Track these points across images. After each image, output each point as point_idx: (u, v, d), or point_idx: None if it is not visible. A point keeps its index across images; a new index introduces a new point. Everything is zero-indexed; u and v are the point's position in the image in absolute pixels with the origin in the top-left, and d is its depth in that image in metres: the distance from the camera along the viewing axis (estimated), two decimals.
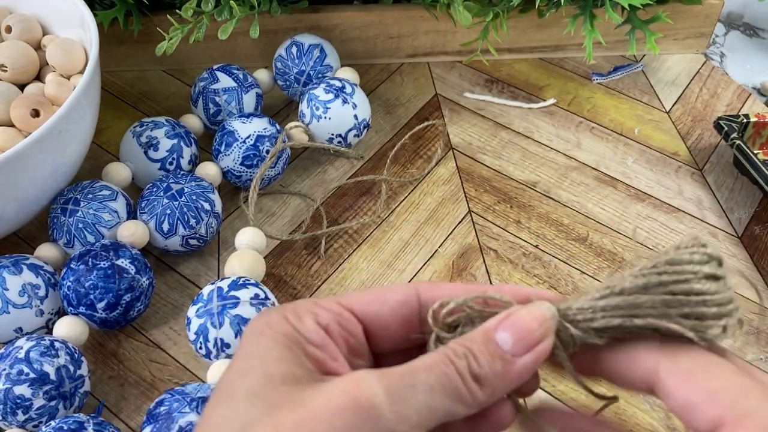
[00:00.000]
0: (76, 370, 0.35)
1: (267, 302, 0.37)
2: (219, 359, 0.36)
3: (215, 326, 0.35)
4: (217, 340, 0.35)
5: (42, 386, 0.33)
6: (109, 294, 0.37)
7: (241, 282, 0.37)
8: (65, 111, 0.37)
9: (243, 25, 0.51)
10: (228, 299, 0.36)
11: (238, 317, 0.35)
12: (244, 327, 0.35)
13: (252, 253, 0.40)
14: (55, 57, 0.43)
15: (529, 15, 0.53)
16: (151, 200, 0.41)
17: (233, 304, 0.36)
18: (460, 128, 0.52)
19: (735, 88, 0.55)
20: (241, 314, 0.35)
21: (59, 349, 0.35)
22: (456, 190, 0.48)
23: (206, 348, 0.36)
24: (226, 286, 0.36)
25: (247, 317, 0.35)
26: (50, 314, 0.38)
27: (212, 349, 0.36)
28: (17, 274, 0.37)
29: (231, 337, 0.35)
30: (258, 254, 0.40)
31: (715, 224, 0.46)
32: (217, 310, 0.35)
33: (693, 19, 0.55)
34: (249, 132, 0.44)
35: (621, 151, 0.50)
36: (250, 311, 0.36)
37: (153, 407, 0.33)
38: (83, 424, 0.32)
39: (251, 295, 0.36)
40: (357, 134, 0.48)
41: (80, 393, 0.35)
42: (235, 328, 0.35)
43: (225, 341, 0.35)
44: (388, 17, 0.54)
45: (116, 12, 0.50)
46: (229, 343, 0.35)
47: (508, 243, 0.45)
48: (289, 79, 0.50)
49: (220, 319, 0.35)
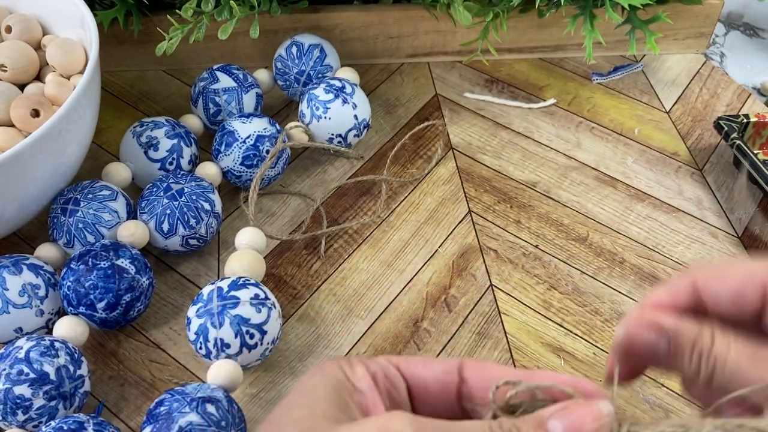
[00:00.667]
0: (76, 370, 0.35)
1: (267, 302, 0.36)
2: (219, 359, 0.36)
3: (215, 326, 0.35)
4: (217, 340, 0.35)
5: (42, 386, 0.33)
6: (109, 294, 0.37)
7: (241, 282, 0.37)
8: (65, 111, 0.37)
9: (243, 25, 0.51)
10: (228, 299, 0.36)
11: (238, 317, 0.35)
12: (243, 327, 0.35)
13: (252, 253, 0.40)
14: (55, 57, 0.43)
15: (529, 15, 0.53)
16: (151, 200, 0.41)
17: (233, 304, 0.36)
18: (460, 128, 0.52)
19: (735, 88, 0.55)
20: (241, 314, 0.35)
21: (59, 349, 0.35)
22: (456, 190, 0.48)
23: (206, 348, 0.36)
24: (226, 286, 0.36)
25: (246, 317, 0.35)
26: (50, 314, 0.38)
27: (212, 349, 0.36)
28: (17, 274, 0.37)
29: (231, 337, 0.35)
30: (258, 254, 0.40)
31: (715, 224, 0.46)
32: (217, 310, 0.35)
33: (693, 19, 0.55)
34: (249, 132, 0.44)
35: (621, 151, 0.50)
36: (250, 311, 0.36)
37: (153, 407, 0.33)
38: (83, 424, 0.32)
39: (251, 295, 0.36)
40: (357, 134, 0.48)
41: (80, 393, 0.35)
42: (235, 328, 0.35)
43: (225, 341, 0.35)
44: (388, 17, 0.54)
45: (116, 12, 0.50)
46: (229, 343, 0.35)
47: (508, 243, 0.45)
48: (289, 79, 0.50)
49: (220, 319, 0.35)
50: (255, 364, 0.37)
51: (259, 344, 0.36)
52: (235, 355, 0.35)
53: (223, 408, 0.33)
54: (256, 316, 0.36)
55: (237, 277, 0.38)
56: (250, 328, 0.35)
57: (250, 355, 0.36)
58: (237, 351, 0.35)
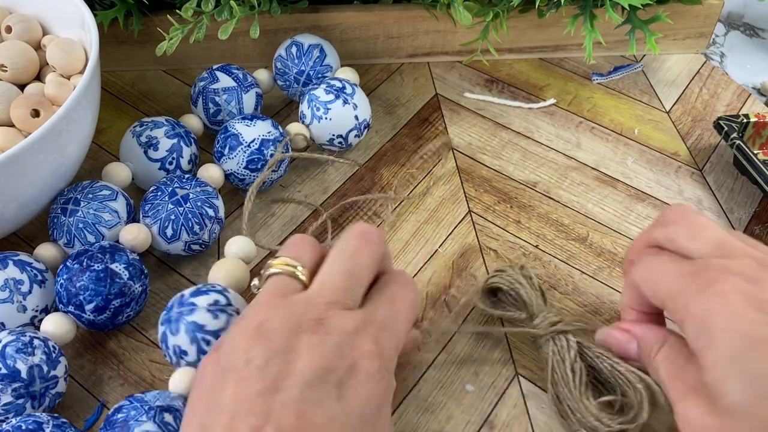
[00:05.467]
0: (51, 371, 0.35)
1: (228, 308, 0.35)
2: (180, 366, 0.35)
3: (173, 333, 0.34)
4: (176, 348, 0.34)
5: (11, 383, 0.33)
6: (98, 297, 0.37)
7: (204, 289, 0.36)
8: (65, 111, 0.37)
9: (243, 25, 0.51)
10: (186, 306, 0.35)
11: (193, 324, 0.34)
12: (198, 333, 0.34)
13: (234, 262, 0.39)
14: (55, 57, 0.43)
15: (529, 15, 0.53)
16: (156, 204, 0.41)
17: (190, 310, 0.35)
18: (460, 128, 0.52)
19: (735, 88, 0.55)
20: (196, 320, 0.34)
21: (37, 347, 0.34)
22: (456, 190, 0.48)
23: (168, 355, 0.35)
24: (188, 293, 0.36)
25: (201, 323, 0.34)
26: (35, 311, 0.38)
27: (173, 356, 0.35)
28: (1, 269, 0.37)
29: (187, 344, 0.34)
30: (241, 263, 0.39)
31: None
32: (175, 317, 0.35)
33: (693, 19, 0.55)
34: (253, 136, 0.44)
35: (621, 151, 0.50)
36: (206, 317, 0.34)
37: (111, 413, 0.32)
38: (42, 425, 0.32)
39: (210, 301, 0.35)
40: (357, 134, 0.48)
41: (51, 394, 0.35)
42: (190, 335, 0.34)
43: (182, 348, 0.34)
44: (388, 17, 0.54)
45: (116, 12, 0.50)
46: (186, 350, 0.34)
47: (508, 243, 0.45)
48: (288, 79, 0.50)
49: (176, 325, 0.34)
50: None
51: None
52: (195, 363, 0.34)
53: (181, 418, 0.32)
54: (212, 322, 0.34)
55: (204, 284, 0.37)
56: (206, 335, 0.34)
57: None
58: (195, 358, 0.34)
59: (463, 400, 0.37)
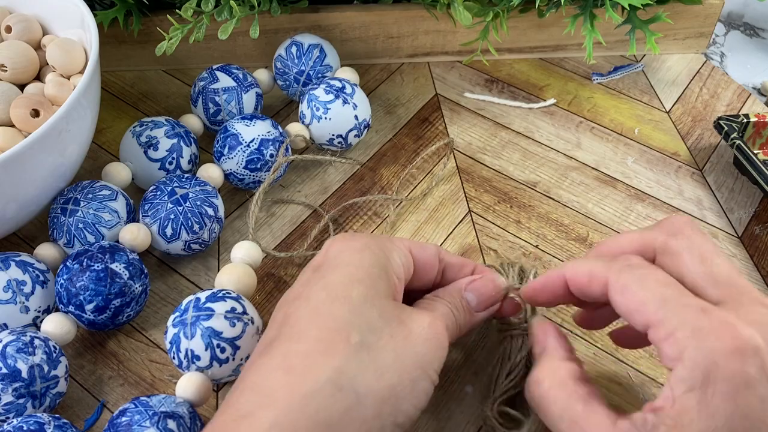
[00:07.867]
0: (51, 370, 0.35)
1: (243, 317, 0.35)
2: (190, 370, 0.35)
3: (187, 337, 0.35)
4: (188, 351, 0.35)
5: (12, 383, 0.33)
6: (98, 297, 0.37)
7: (221, 294, 0.36)
8: (65, 111, 0.37)
9: (243, 25, 0.51)
10: (203, 310, 0.35)
11: (210, 329, 0.34)
12: (215, 340, 0.34)
13: (243, 267, 0.39)
14: (55, 57, 0.43)
15: (529, 15, 0.53)
16: (155, 204, 0.41)
17: (207, 316, 0.35)
18: (460, 128, 0.52)
19: (735, 88, 0.55)
20: (214, 327, 0.34)
21: (38, 347, 0.34)
22: (456, 190, 0.48)
23: (178, 358, 0.35)
24: (204, 297, 0.36)
25: (219, 330, 0.34)
26: (37, 311, 0.38)
27: (183, 359, 0.35)
28: (4, 270, 0.37)
29: (201, 349, 0.34)
30: (249, 268, 0.39)
31: (715, 224, 0.46)
32: (190, 321, 0.35)
33: (693, 19, 0.55)
34: (253, 135, 0.44)
35: (621, 151, 0.50)
36: (224, 324, 0.35)
37: (116, 416, 0.33)
38: (43, 426, 0.32)
39: (227, 308, 0.35)
40: (357, 134, 0.48)
41: (52, 394, 0.35)
42: (205, 340, 0.34)
43: (195, 353, 0.34)
44: (388, 17, 0.54)
45: (116, 12, 0.50)
46: (199, 355, 0.34)
47: (508, 243, 0.45)
48: (288, 79, 0.50)
49: (192, 330, 0.34)
50: (229, 380, 0.36)
51: (231, 359, 0.35)
52: (206, 368, 0.35)
53: (184, 425, 0.32)
54: (229, 330, 0.35)
55: (218, 289, 0.37)
56: (222, 341, 0.34)
57: (221, 370, 0.35)
58: (207, 364, 0.34)
59: (463, 400, 0.37)
